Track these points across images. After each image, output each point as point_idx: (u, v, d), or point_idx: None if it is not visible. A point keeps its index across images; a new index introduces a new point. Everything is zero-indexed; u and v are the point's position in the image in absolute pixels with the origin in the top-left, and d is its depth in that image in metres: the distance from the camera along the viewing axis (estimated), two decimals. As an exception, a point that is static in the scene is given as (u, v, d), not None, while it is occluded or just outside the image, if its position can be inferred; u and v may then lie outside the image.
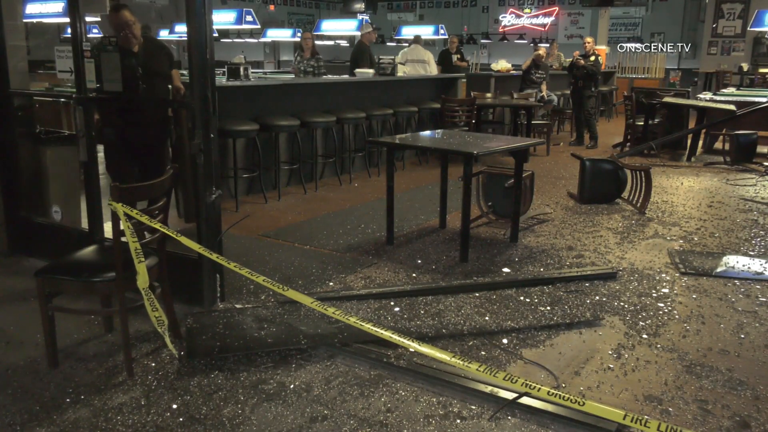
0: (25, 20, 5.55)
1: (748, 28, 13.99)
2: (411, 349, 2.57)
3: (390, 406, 2.64)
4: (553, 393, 1.94)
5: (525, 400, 2.58)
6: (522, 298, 3.76)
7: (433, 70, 10.05)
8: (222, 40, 18.36)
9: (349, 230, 5.21)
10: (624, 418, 1.81)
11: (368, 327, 2.29)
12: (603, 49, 15.05)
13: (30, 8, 9.53)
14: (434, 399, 2.69)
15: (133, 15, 4.40)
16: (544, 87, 10.30)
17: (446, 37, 13.41)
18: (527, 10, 21.84)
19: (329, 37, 18.58)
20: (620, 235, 5.13)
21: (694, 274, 4.24)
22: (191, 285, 3.49)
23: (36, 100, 4.77)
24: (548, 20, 21.40)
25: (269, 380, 2.82)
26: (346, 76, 8.78)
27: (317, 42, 11.78)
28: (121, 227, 2.68)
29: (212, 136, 3.31)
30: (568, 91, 11.03)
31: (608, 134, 11.39)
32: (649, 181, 5.95)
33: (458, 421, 2.54)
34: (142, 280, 2.67)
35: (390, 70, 8.17)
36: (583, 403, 1.90)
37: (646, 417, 1.77)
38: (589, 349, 3.18)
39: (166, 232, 2.80)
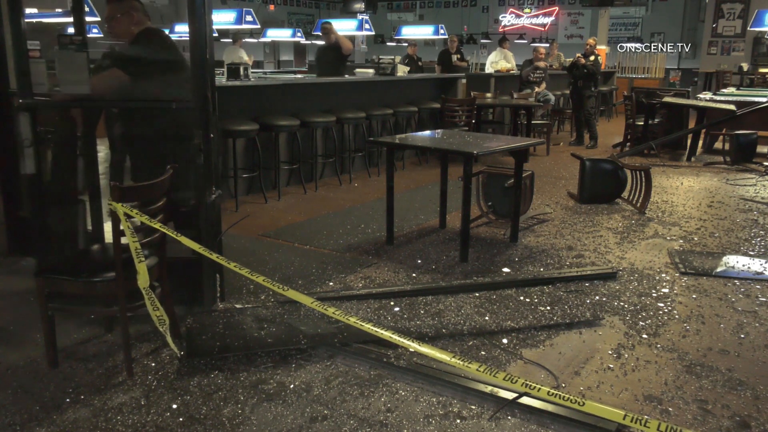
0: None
1: (748, 28, 14.01)
2: (411, 349, 2.56)
3: (390, 406, 2.64)
4: (553, 393, 1.94)
5: (525, 400, 2.58)
6: (522, 298, 3.76)
7: (512, 67, 11.69)
8: (222, 40, 18.36)
9: (349, 230, 5.21)
10: (624, 418, 1.81)
11: (368, 327, 2.29)
12: (603, 49, 15.06)
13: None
14: (434, 399, 2.69)
15: (124, 7, 3.54)
16: (542, 86, 10.30)
17: (446, 37, 13.42)
18: (527, 10, 21.85)
19: (329, 38, 18.55)
20: (620, 235, 5.12)
21: (694, 274, 4.24)
22: (191, 285, 3.48)
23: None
24: (548, 20, 21.41)
25: (269, 380, 2.82)
26: (346, 76, 8.78)
27: (317, 42, 11.78)
28: (121, 227, 2.68)
29: (212, 136, 3.31)
30: (568, 91, 11.03)
31: (608, 134, 11.40)
32: (649, 181, 5.95)
33: (458, 421, 2.54)
34: (143, 279, 2.67)
35: (390, 70, 8.17)
36: (583, 403, 1.90)
37: (646, 417, 1.77)
38: (589, 349, 3.18)
39: (167, 232, 2.80)
